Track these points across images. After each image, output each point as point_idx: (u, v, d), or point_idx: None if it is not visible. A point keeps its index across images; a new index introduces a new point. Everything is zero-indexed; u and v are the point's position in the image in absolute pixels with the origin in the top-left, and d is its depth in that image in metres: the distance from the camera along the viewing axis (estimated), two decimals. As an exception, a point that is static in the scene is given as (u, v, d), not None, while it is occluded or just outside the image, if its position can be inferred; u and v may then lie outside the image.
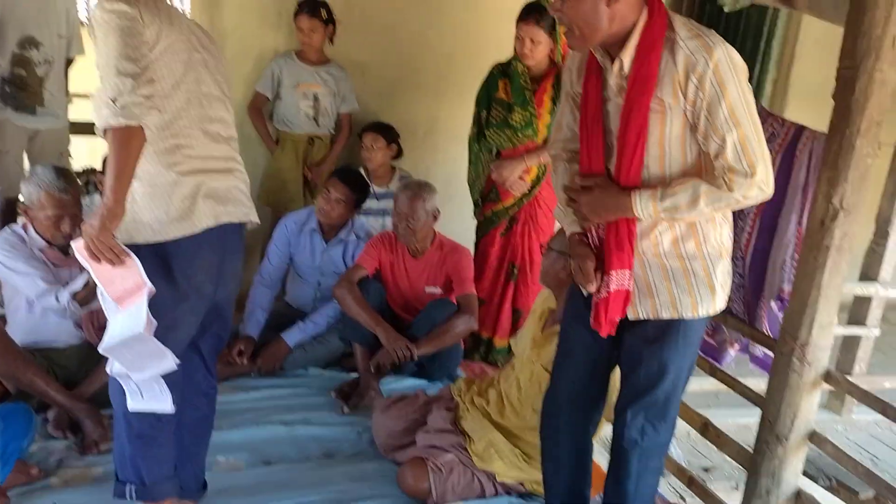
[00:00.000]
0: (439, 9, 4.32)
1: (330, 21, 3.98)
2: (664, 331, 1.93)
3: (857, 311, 3.93)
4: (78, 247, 1.86)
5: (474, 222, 3.85)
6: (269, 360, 3.31)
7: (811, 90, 2.69)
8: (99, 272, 1.85)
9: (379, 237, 3.43)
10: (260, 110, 4.10)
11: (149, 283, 1.84)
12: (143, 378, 1.93)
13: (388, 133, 4.06)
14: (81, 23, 3.82)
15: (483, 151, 3.68)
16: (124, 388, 1.98)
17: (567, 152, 2.04)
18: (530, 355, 2.65)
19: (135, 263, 1.84)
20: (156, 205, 1.90)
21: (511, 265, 3.71)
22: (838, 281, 2.07)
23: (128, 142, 1.78)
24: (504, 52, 3.57)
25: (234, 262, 2.14)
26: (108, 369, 1.97)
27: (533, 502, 2.59)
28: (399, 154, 4.15)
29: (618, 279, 1.87)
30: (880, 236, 3.74)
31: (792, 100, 4.86)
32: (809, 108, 2.43)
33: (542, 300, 2.76)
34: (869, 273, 3.81)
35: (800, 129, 2.29)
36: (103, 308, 1.94)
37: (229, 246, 2.08)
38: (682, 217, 1.80)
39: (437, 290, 3.37)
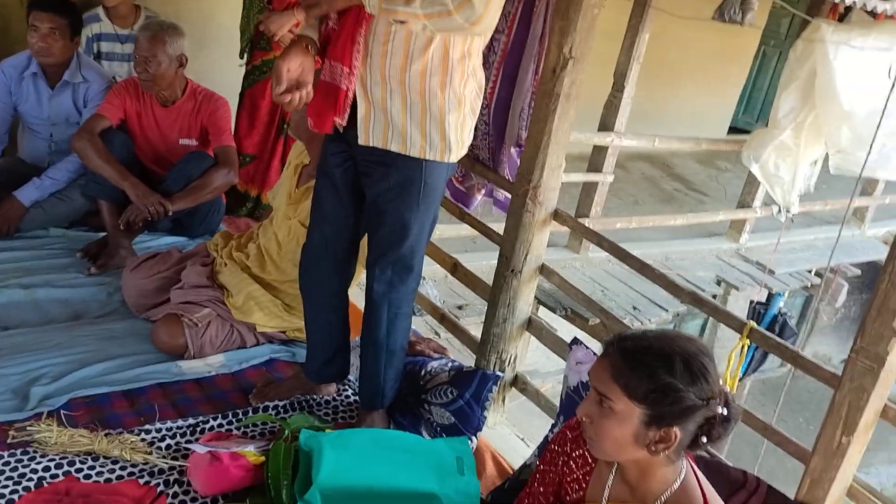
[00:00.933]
0: None
1: None
2: (403, 187, 1.97)
3: (595, 160, 4.32)
4: None
5: (232, 73, 3.64)
6: (2, 220, 3.00)
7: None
8: None
9: (123, 84, 3.13)
10: None
11: None
12: None
13: None
14: None
15: None
16: None
17: None
18: (287, 211, 2.63)
19: None
20: None
21: (282, 119, 3.58)
22: (566, 126, 2.23)
23: None
24: None
25: None
26: None
27: (295, 347, 2.67)
28: None
29: (331, 71, 1.85)
30: (617, 90, 4.07)
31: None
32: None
33: (296, 154, 2.72)
34: (606, 124, 4.17)
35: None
36: None
37: None
38: (398, 10, 1.74)
39: (193, 143, 3.20)
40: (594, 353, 2.23)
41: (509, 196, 2.58)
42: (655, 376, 1.22)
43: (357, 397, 2.44)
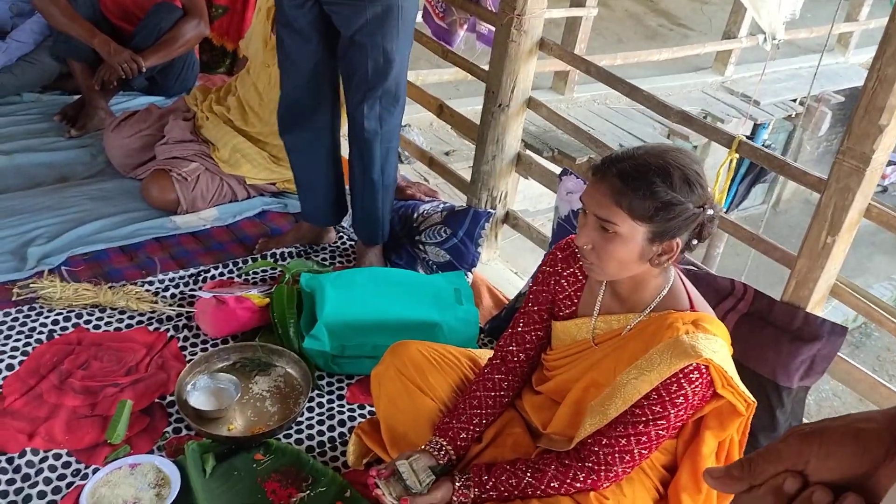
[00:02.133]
0: None
1: None
2: (381, 19, 1.91)
3: (578, -6, 4.18)
4: None
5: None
6: None
7: None
8: None
9: (79, -64, 2.95)
10: None
11: None
12: None
13: None
14: None
15: None
16: None
17: None
18: (264, 58, 2.56)
19: None
20: None
21: None
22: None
23: None
24: None
25: None
26: None
27: (286, 199, 2.68)
28: None
29: None
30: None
31: None
32: None
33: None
34: (589, -46, 4.00)
35: None
36: None
37: None
38: None
39: (158, -6, 3.05)
40: (584, 182, 2.25)
41: (493, 29, 2.51)
42: (657, 194, 1.23)
43: (352, 242, 2.49)
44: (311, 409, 1.86)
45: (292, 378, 1.91)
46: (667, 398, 1.25)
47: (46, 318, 1.99)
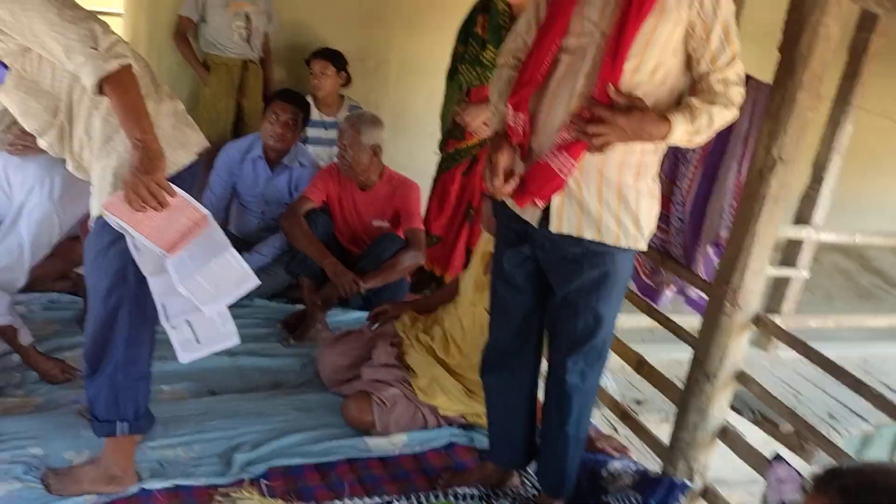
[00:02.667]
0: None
1: None
2: (598, 282, 1.97)
3: (789, 252, 4.09)
4: (113, 208, 1.75)
5: (424, 157, 3.84)
6: None
7: (760, 33, 2.72)
8: (143, 226, 1.76)
9: (327, 169, 3.40)
10: (186, 36, 3.93)
11: (206, 210, 1.82)
12: (220, 309, 1.87)
13: (338, 60, 3.97)
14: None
15: (454, 87, 3.61)
16: (173, 341, 1.90)
17: (516, 59, 1.99)
18: (472, 298, 2.69)
19: (182, 197, 1.78)
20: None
21: (469, 205, 3.70)
22: (773, 229, 2.15)
23: (131, 78, 1.72)
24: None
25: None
26: (164, 323, 1.88)
27: (474, 433, 2.69)
28: (348, 82, 4.08)
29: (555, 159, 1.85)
30: (815, 181, 3.87)
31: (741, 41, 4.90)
32: (757, 52, 2.46)
33: (484, 242, 2.79)
34: (802, 216, 3.96)
35: (745, 79, 2.32)
36: (140, 266, 1.84)
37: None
38: (691, 140, 1.83)
39: (385, 224, 3.38)
40: (797, 473, 2.07)
41: (703, 295, 2.49)
42: None
43: (535, 492, 2.41)
44: None
45: None
46: None
47: (239, 529, 2.06)
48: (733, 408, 3.82)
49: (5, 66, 1.78)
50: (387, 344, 2.81)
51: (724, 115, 1.82)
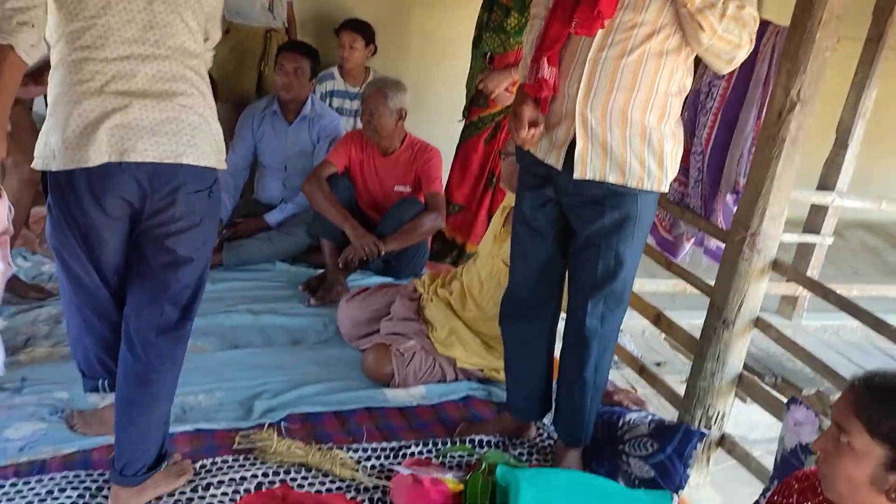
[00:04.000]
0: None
1: None
2: (620, 223, 1.98)
3: (813, 219, 4.04)
4: None
5: (445, 131, 3.85)
6: (247, 226, 3.45)
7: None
8: None
9: (350, 135, 3.43)
10: None
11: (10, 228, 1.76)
12: None
13: (367, 33, 4.01)
14: None
15: (478, 55, 3.61)
16: None
17: (547, 10, 1.97)
18: (491, 250, 2.71)
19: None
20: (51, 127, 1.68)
21: (491, 173, 3.70)
22: (791, 173, 2.14)
23: (5, 59, 1.56)
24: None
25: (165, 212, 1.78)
26: None
27: (491, 387, 2.70)
28: (374, 53, 4.11)
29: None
30: (839, 146, 3.82)
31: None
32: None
33: (507, 200, 2.81)
34: (826, 183, 3.91)
35: (765, 24, 2.31)
36: None
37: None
38: (703, 21, 1.76)
39: (407, 189, 3.40)
40: (815, 415, 2.06)
41: (721, 245, 2.48)
42: None
43: (551, 441, 2.42)
44: None
45: (477, 575, 1.82)
46: None
47: (258, 469, 2.09)
48: (754, 371, 3.81)
49: None
50: (405, 298, 2.84)
51: (733, 25, 1.76)
